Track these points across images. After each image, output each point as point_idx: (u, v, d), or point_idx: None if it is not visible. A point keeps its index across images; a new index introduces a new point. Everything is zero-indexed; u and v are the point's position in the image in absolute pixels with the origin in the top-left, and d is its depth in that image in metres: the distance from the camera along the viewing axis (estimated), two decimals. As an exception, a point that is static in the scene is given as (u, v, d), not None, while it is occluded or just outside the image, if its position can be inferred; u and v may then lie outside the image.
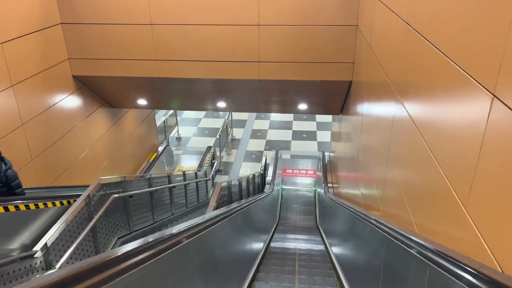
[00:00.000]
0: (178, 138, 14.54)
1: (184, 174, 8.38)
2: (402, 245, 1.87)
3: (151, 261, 1.56)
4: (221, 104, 8.49)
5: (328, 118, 15.80)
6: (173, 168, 12.60)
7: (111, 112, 8.92)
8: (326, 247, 7.40)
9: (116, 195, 5.01)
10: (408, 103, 2.84)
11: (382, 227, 2.40)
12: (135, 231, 5.79)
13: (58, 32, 6.83)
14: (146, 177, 6.48)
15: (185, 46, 6.80)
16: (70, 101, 7.23)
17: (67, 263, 4.05)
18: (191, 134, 15.01)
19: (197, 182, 9.30)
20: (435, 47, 2.23)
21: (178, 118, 15.98)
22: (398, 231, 2.00)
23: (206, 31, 6.66)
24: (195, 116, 16.62)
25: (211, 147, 12.41)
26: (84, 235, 4.21)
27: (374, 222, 2.70)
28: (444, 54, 2.08)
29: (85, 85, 7.63)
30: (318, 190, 11.11)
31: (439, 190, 2.07)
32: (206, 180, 10.23)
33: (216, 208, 4.38)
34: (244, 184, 7.25)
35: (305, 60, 6.72)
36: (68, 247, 4.01)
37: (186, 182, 8.28)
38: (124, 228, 5.56)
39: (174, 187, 7.49)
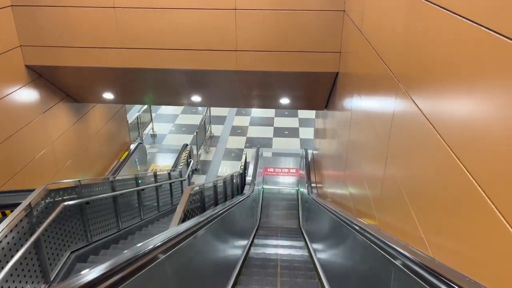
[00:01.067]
0: (153, 136, 13.73)
1: (155, 175, 7.66)
2: (385, 254, 1.73)
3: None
4: (197, 98, 7.78)
5: (311, 114, 15.28)
6: (146, 167, 11.82)
7: (75, 107, 8.09)
8: (310, 253, 6.85)
9: (68, 203, 4.28)
10: (418, 94, 2.24)
11: (368, 235, 2.24)
12: (94, 242, 5.07)
13: (7, 15, 5.99)
14: (109, 179, 5.76)
15: (153, 33, 6.08)
16: (23, 94, 6.40)
17: (1, 287, 3.33)
18: (167, 131, 14.22)
19: (170, 183, 8.60)
20: (455, 14, 1.62)
21: (154, 114, 15.16)
22: (383, 240, 1.84)
23: (176, 16, 5.95)
24: (172, 112, 15.82)
25: (187, 144, 11.69)
26: (22, 252, 3.48)
27: (359, 229, 2.53)
28: (474, 22, 1.47)
29: (41, 76, 6.80)
30: (301, 189, 10.55)
31: (464, 194, 1.49)
32: (181, 181, 9.52)
33: (183, 218, 3.72)
34: (220, 186, 6.59)
35: (287, 49, 6.09)
36: (2, 268, 3.29)
37: (158, 184, 7.57)
38: (81, 240, 4.84)
39: (143, 190, 6.77)
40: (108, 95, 7.76)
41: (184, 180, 9.74)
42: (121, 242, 5.69)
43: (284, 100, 7.57)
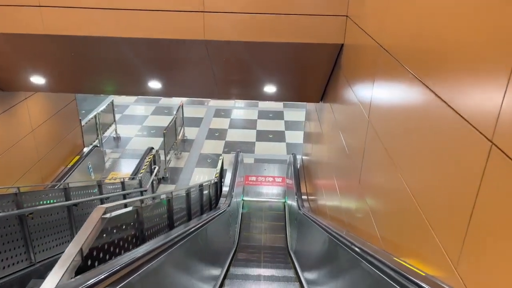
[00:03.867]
0: (116, 138, 11.82)
1: (99, 185, 5.81)
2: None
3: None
4: (155, 84, 5.99)
5: (298, 116, 13.67)
6: (104, 175, 9.90)
7: (-3, 96, 6.21)
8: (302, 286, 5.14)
9: None
10: None
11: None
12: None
13: None
14: (14, 192, 3.94)
15: (86, -17, 4.30)
16: None
17: None
18: (133, 133, 12.32)
19: (124, 195, 6.74)
20: None
21: (119, 115, 13.28)
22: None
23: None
24: (140, 113, 13.95)
25: (152, 148, 9.82)
26: None
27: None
28: None
29: None
30: (289, 202, 8.81)
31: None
32: (141, 192, 7.67)
33: (81, 266, 1.95)
34: (180, 200, 4.78)
35: (272, 11, 4.39)
36: None
37: (103, 196, 5.72)
38: None
39: (75, 205, 4.92)
40: (38, 80, 5.90)
41: (145, 190, 7.88)
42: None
43: (270, 88, 5.85)
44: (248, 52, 4.91)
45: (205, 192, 6.87)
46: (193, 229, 3.88)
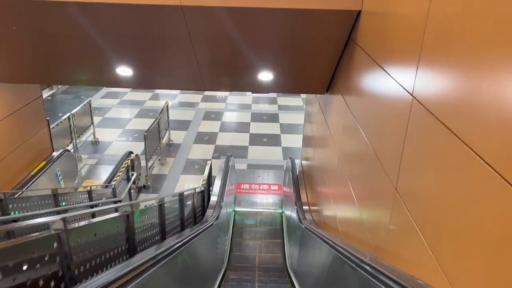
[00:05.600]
0: (94, 143, 10.67)
1: (54, 195, 4.71)
2: None
3: None
4: (128, 71, 4.90)
5: (295, 119, 12.67)
6: (78, 183, 8.76)
7: None
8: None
9: None
10: None
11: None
12: None
13: None
14: None
15: None
16: None
17: None
18: (114, 137, 11.19)
19: (92, 207, 5.61)
20: None
21: (99, 118, 12.18)
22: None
23: None
24: (123, 116, 12.83)
25: (131, 152, 8.69)
26: None
27: None
28: None
29: None
30: (287, 213, 7.72)
31: None
32: (114, 202, 6.54)
33: None
34: (151, 213, 3.68)
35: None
36: None
37: (57, 209, 4.60)
38: None
39: (15, 221, 3.80)
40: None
41: (120, 200, 6.76)
42: None
43: (265, 76, 4.81)
44: (235, 25, 3.86)
45: (188, 202, 5.77)
46: (168, 251, 2.85)
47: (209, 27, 3.97)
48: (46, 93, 14.30)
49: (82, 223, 2.20)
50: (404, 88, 2.28)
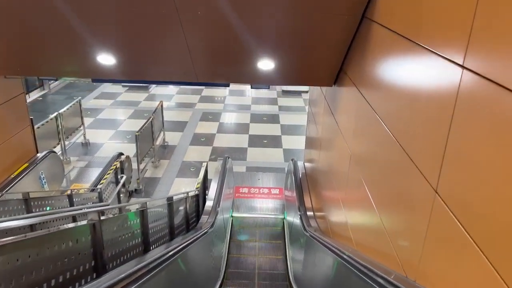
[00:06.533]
0: (85, 144, 10.10)
1: (26, 200, 4.14)
2: None
3: None
4: (109, 59, 4.34)
5: (296, 120, 12.12)
6: (65, 186, 8.17)
7: None
8: None
9: None
10: None
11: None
12: None
13: None
14: None
15: None
16: None
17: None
18: (106, 138, 10.61)
19: (74, 216, 5.02)
20: None
21: (91, 119, 11.62)
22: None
23: None
24: (116, 117, 12.26)
25: (121, 154, 8.10)
26: None
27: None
28: None
29: None
30: (290, 219, 7.13)
31: None
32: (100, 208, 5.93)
33: None
34: (121, 227, 3.10)
35: None
36: None
37: (29, 216, 4.02)
38: None
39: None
40: None
41: (107, 205, 6.16)
42: None
43: (265, 64, 4.24)
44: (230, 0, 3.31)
45: (180, 208, 5.19)
46: (149, 266, 2.33)
47: (200, 2, 3.42)
48: (37, 94, 13.76)
49: (19, 237, 1.63)
50: (451, 60, 1.71)
